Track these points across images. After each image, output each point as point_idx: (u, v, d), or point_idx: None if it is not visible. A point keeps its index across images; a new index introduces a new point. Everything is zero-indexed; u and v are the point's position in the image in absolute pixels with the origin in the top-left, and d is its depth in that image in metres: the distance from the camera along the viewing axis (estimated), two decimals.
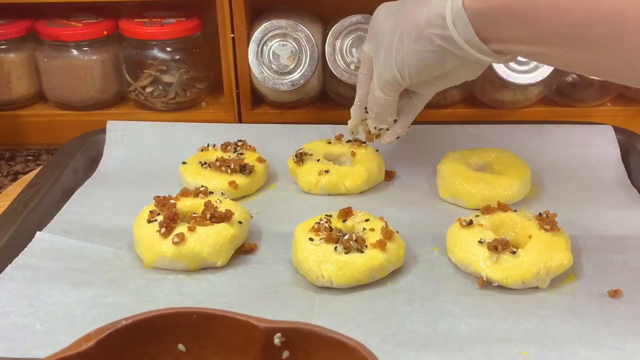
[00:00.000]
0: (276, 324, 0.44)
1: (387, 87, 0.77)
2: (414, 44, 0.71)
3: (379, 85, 0.78)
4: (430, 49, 0.70)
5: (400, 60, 0.73)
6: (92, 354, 0.42)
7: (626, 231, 0.78)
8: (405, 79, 0.75)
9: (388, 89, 0.78)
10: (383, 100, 0.79)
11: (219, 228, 0.73)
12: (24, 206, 0.81)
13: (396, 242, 0.72)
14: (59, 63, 1.06)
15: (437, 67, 0.72)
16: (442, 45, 0.68)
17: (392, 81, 0.76)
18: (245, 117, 1.06)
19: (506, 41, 0.66)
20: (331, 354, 0.43)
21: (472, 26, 0.65)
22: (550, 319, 0.65)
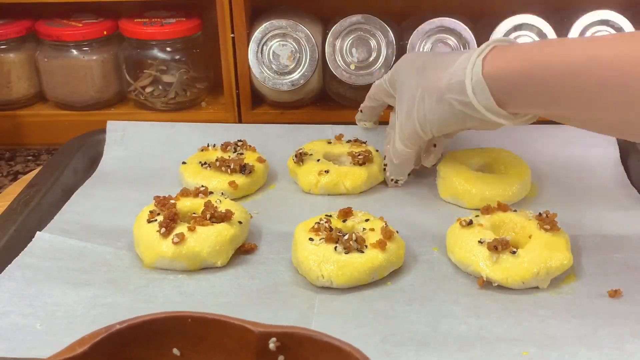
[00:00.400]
0: (271, 329, 0.44)
1: (408, 140, 0.81)
2: (435, 105, 0.75)
3: (401, 138, 0.81)
4: (450, 111, 0.74)
5: (422, 117, 0.77)
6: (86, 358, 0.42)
7: (626, 231, 0.78)
8: (427, 133, 0.78)
9: (410, 142, 0.81)
10: (404, 152, 0.82)
11: (219, 228, 0.73)
12: (24, 206, 0.81)
13: (396, 242, 0.72)
14: (59, 63, 1.06)
15: (457, 125, 0.76)
16: (461, 110, 0.72)
17: (413, 135, 0.79)
18: (245, 117, 1.06)
19: (524, 105, 0.70)
20: (326, 358, 0.43)
21: (490, 92, 0.69)
22: (550, 319, 0.65)
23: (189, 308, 0.66)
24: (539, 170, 0.90)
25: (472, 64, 0.70)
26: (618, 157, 0.92)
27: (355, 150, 0.90)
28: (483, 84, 0.69)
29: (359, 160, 0.88)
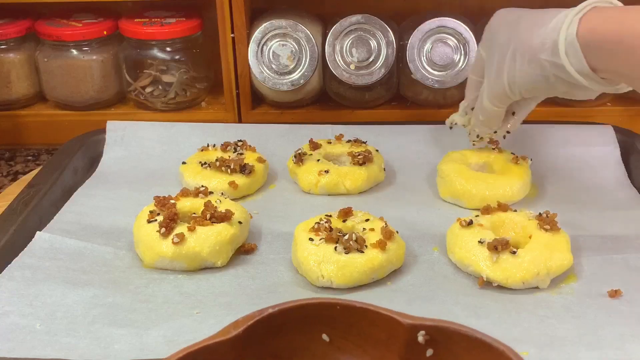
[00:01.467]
0: (420, 321, 0.44)
1: (496, 99, 0.78)
2: (526, 66, 0.72)
3: (488, 97, 0.79)
4: (541, 73, 0.71)
5: (511, 77, 0.74)
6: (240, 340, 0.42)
7: (626, 231, 0.78)
8: (515, 94, 0.76)
9: (498, 101, 0.79)
10: (491, 110, 0.80)
11: (218, 228, 0.73)
12: (24, 206, 0.81)
13: (396, 242, 0.72)
14: (59, 63, 1.06)
15: (548, 90, 0.74)
16: (553, 72, 0.70)
17: (502, 95, 0.77)
18: (245, 117, 1.06)
19: (615, 71, 0.67)
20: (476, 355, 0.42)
21: (584, 55, 0.66)
22: (550, 319, 0.65)
23: (189, 308, 0.66)
24: (539, 170, 0.90)
25: (568, 24, 0.66)
26: (619, 157, 0.92)
27: (355, 150, 0.90)
28: (576, 46, 0.66)
29: (359, 160, 0.88)
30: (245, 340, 0.43)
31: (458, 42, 1.00)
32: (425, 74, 1.00)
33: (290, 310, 0.44)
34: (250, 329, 0.43)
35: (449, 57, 1.00)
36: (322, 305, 0.45)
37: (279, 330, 0.44)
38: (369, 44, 1.00)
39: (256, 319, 0.43)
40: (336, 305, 0.45)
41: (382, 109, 1.07)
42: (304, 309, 0.45)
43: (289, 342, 0.45)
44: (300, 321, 0.45)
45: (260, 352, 0.44)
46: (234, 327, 0.43)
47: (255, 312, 0.43)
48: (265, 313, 0.44)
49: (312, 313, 0.45)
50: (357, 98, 1.05)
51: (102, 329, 0.63)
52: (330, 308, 0.45)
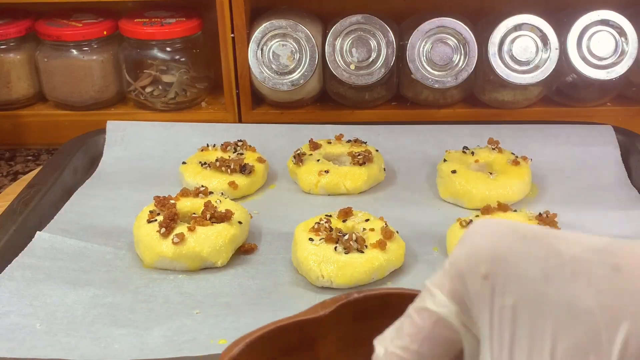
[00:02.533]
0: None
1: None
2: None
3: None
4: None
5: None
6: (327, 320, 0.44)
7: (626, 231, 0.78)
8: None
9: None
10: None
11: (219, 228, 0.73)
12: (24, 206, 0.81)
13: (396, 242, 0.72)
14: (59, 63, 1.06)
15: None
16: None
17: None
18: (245, 117, 1.06)
19: None
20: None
21: None
22: None
23: (189, 308, 0.66)
24: (539, 170, 0.90)
25: None
26: (619, 157, 0.92)
27: (355, 150, 0.90)
28: None
29: (359, 160, 0.88)
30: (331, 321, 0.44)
31: (458, 42, 1.00)
32: (425, 74, 1.00)
33: (373, 297, 0.45)
34: (337, 310, 0.44)
35: (449, 57, 1.00)
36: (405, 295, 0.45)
37: (361, 316, 0.46)
38: (369, 44, 1.00)
39: (342, 302, 0.45)
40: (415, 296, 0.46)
41: (382, 109, 1.07)
42: (388, 298, 0.46)
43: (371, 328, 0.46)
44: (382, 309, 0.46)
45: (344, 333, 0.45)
46: (322, 307, 0.44)
47: (342, 295, 0.45)
48: (351, 297, 0.45)
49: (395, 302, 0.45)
50: (357, 98, 1.05)
51: (102, 328, 0.63)
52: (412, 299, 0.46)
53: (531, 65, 0.99)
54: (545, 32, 0.98)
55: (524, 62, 0.99)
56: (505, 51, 0.99)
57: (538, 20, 0.98)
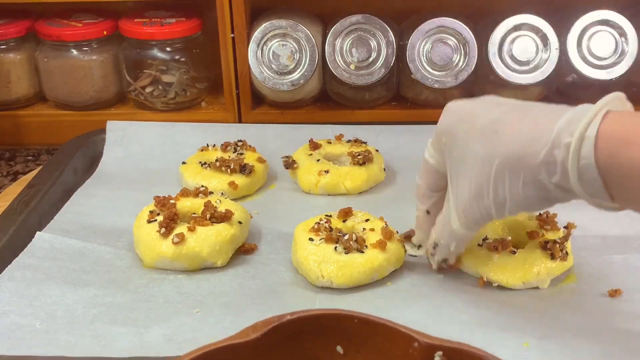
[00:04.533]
0: (439, 342, 0.43)
1: (475, 223, 0.62)
2: (522, 189, 0.56)
3: (464, 223, 0.62)
4: (543, 195, 0.56)
5: (501, 201, 0.58)
6: (257, 344, 0.43)
7: (626, 231, 0.78)
8: (501, 215, 0.60)
9: (476, 224, 0.63)
10: (465, 235, 0.64)
11: (218, 228, 0.73)
12: (24, 206, 0.81)
13: (396, 242, 0.72)
14: (59, 63, 1.06)
15: (546, 206, 0.59)
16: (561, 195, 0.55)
17: (481, 219, 0.61)
18: (245, 117, 1.06)
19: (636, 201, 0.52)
20: None
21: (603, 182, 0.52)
22: (551, 312, 0.65)
23: (189, 308, 0.66)
24: None
25: (578, 143, 0.51)
26: None
27: (355, 150, 0.90)
28: (594, 174, 0.51)
29: (359, 160, 0.88)
30: (262, 344, 0.43)
31: (458, 42, 1.00)
32: (425, 74, 1.00)
33: (307, 318, 0.44)
34: (269, 333, 0.43)
35: (449, 57, 1.00)
36: (340, 316, 0.45)
37: (294, 338, 0.45)
38: (369, 44, 1.00)
39: (274, 324, 0.44)
40: (354, 318, 0.45)
41: (382, 109, 1.07)
42: (322, 319, 0.45)
43: (304, 350, 0.45)
44: (317, 331, 0.45)
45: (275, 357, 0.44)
46: (253, 330, 0.43)
47: (274, 317, 0.44)
48: (283, 319, 0.44)
49: (329, 323, 0.45)
50: (357, 98, 1.05)
51: (102, 327, 0.63)
52: (348, 320, 0.45)
53: (531, 65, 0.99)
54: (545, 32, 0.98)
55: (524, 62, 0.99)
56: (505, 51, 0.99)
57: (538, 20, 0.98)
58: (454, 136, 0.61)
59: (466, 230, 0.63)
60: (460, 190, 0.61)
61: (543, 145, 0.53)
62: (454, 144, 0.61)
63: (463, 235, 0.64)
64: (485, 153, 0.57)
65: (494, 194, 0.58)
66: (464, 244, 0.67)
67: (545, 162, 0.53)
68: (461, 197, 0.61)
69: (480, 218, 0.61)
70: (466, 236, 0.64)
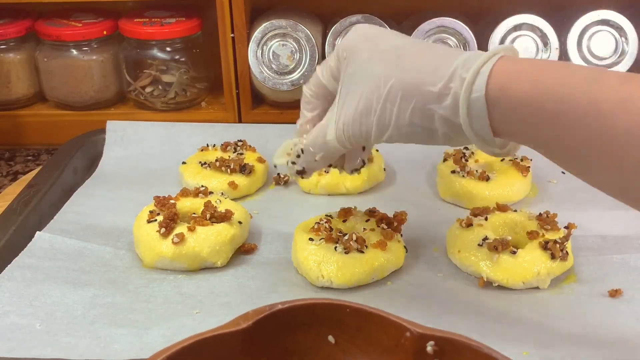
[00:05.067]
0: (431, 332, 0.43)
1: (351, 140, 0.61)
2: (409, 113, 0.56)
3: (339, 136, 0.61)
4: (427, 126, 0.57)
5: (386, 122, 0.58)
6: (249, 333, 0.43)
7: (626, 231, 0.78)
8: (378, 138, 0.60)
9: (350, 143, 0.62)
10: (335, 150, 0.63)
11: (218, 228, 0.73)
12: (24, 206, 0.81)
13: (396, 243, 0.72)
14: (59, 63, 1.06)
15: (426, 141, 0.59)
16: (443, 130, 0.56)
17: (359, 137, 0.60)
18: (245, 117, 1.06)
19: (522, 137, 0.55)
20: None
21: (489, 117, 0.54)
22: (551, 318, 0.65)
23: (189, 308, 0.66)
24: (539, 170, 0.90)
25: (473, 76, 0.53)
26: None
27: None
28: (482, 106, 0.53)
29: None
30: (253, 334, 0.43)
31: (458, 42, 1.00)
32: None
33: (299, 308, 0.44)
34: (259, 322, 0.43)
35: None
36: (332, 306, 0.45)
37: (286, 327, 0.44)
38: None
39: (265, 314, 0.43)
40: (346, 307, 0.44)
41: None
42: (313, 308, 0.45)
43: (295, 340, 0.45)
44: (308, 320, 0.45)
45: (267, 346, 0.44)
46: (244, 319, 0.43)
47: (266, 306, 0.44)
48: (274, 308, 0.44)
49: (320, 313, 0.45)
50: None
51: (102, 328, 0.63)
52: (340, 310, 0.44)
53: None
54: (545, 32, 0.98)
55: None
56: None
57: (538, 20, 0.98)
58: (355, 54, 0.61)
59: (338, 145, 0.62)
60: (347, 105, 0.61)
61: (440, 77, 0.55)
62: (352, 60, 0.61)
63: (333, 149, 0.63)
64: (382, 73, 0.58)
65: (381, 113, 0.58)
66: (329, 160, 0.66)
67: (440, 94, 0.55)
68: (346, 112, 0.61)
69: (359, 135, 0.60)
70: (336, 151, 0.63)
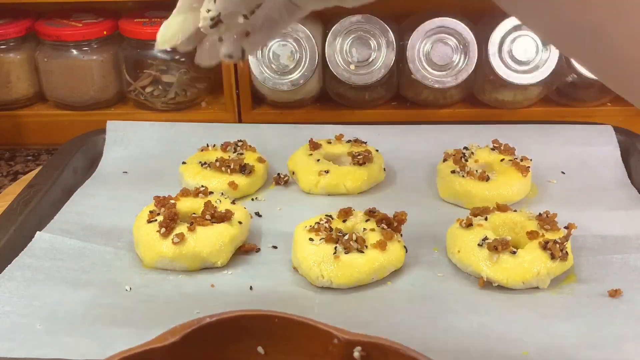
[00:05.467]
0: (358, 337, 0.43)
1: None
2: None
3: None
4: None
5: None
6: (177, 348, 0.43)
7: (626, 231, 0.78)
8: None
9: None
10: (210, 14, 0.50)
11: (219, 228, 0.73)
12: (24, 206, 0.81)
13: (396, 243, 0.72)
14: (59, 63, 1.06)
15: None
16: None
17: None
18: (245, 117, 1.06)
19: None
20: None
21: None
22: (550, 318, 0.65)
23: (189, 308, 0.66)
24: (539, 170, 0.90)
25: None
26: (619, 157, 0.92)
27: (355, 150, 0.90)
28: None
29: (359, 160, 0.88)
30: (181, 348, 0.43)
31: (458, 42, 1.00)
32: (425, 74, 1.00)
33: (228, 320, 0.44)
34: (187, 337, 0.43)
35: (449, 57, 1.00)
36: (260, 317, 0.45)
37: (215, 340, 0.45)
38: (369, 44, 1.00)
39: (193, 328, 0.43)
40: (274, 317, 0.45)
41: (382, 109, 1.07)
42: (242, 320, 0.45)
43: (225, 353, 0.45)
44: (237, 332, 0.45)
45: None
46: (171, 334, 0.43)
47: (194, 320, 0.44)
48: (203, 322, 0.44)
49: (249, 325, 0.45)
50: (357, 98, 1.05)
51: (102, 328, 0.63)
52: (268, 320, 0.45)
53: (531, 65, 0.99)
54: None
55: (524, 62, 0.99)
56: (505, 51, 0.99)
57: None
58: None
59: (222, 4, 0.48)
60: None
61: None
62: None
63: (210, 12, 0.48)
64: None
65: None
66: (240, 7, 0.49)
67: None
68: None
69: None
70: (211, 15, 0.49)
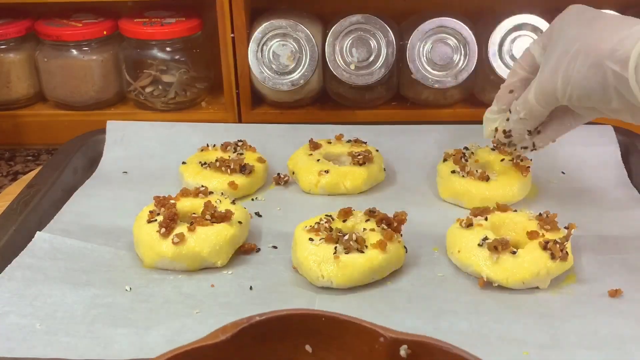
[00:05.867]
0: (403, 336, 0.44)
1: (543, 97, 0.71)
2: (586, 68, 0.65)
3: (536, 93, 0.72)
4: (601, 81, 0.65)
5: (566, 77, 0.68)
6: (228, 346, 0.44)
7: (626, 231, 0.78)
8: (564, 97, 0.69)
9: (544, 100, 0.72)
10: (533, 108, 0.73)
11: (218, 228, 0.73)
12: (24, 206, 0.81)
13: (396, 243, 0.72)
14: (59, 63, 1.06)
15: (600, 102, 0.67)
16: (614, 84, 0.64)
17: (550, 94, 0.70)
18: (245, 117, 1.06)
19: None
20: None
21: None
22: (551, 319, 0.65)
23: (189, 308, 0.66)
24: (539, 170, 0.90)
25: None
26: (619, 157, 0.92)
27: (355, 150, 0.90)
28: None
29: (359, 160, 0.88)
30: (232, 346, 0.44)
31: (458, 42, 1.00)
32: (425, 74, 1.00)
33: (276, 319, 0.45)
34: (238, 335, 0.44)
35: (449, 57, 1.00)
36: (308, 316, 0.46)
37: (264, 338, 0.45)
38: (369, 44, 1.00)
39: (243, 326, 0.44)
40: (321, 317, 0.46)
41: (382, 109, 1.07)
42: (290, 319, 0.45)
43: (273, 351, 0.46)
44: (285, 330, 0.46)
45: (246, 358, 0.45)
46: (222, 332, 0.44)
47: (243, 319, 0.44)
48: (252, 320, 0.45)
49: (297, 323, 0.46)
50: (357, 98, 1.05)
51: (102, 328, 0.64)
52: (315, 319, 0.45)
53: None
54: None
55: None
56: (505, 51, 0.99)
57: (538, 20, 0.98)
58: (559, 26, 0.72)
59: (536, 102, 0.72)
60: (545, 64, 0.72)
61: (617, 37, 0.63)
62: (559, 31, 0.71)
63: (533, 108, 0.73)
64: (574, 37, 0.67)
65: (566, 69, 0.67)
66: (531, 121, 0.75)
67: (613, 49, 0.63)
68: (542, 73, 0.72)
69: (550, 91, 0.70)
70: (535, 108, 0.73)
